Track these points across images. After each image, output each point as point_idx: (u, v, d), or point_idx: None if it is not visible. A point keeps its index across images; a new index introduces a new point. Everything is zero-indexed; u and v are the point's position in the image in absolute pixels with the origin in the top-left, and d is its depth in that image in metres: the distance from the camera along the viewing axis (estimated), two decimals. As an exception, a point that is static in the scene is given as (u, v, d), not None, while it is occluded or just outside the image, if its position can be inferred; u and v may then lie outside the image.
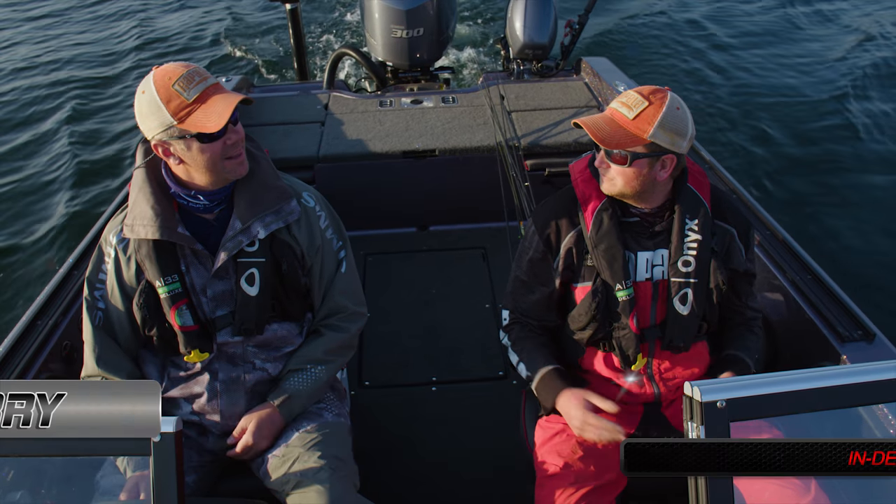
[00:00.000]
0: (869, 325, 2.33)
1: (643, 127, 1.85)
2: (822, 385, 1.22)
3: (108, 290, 1.97)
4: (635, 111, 1.86)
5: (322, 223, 2.09)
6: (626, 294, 2.00)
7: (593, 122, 1.91)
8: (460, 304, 3.46)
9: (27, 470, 1.70)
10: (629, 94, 1.91)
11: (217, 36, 9.08)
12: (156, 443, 1.17)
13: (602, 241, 1.99)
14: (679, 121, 1.87)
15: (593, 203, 2.02)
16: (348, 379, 2.75)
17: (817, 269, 2.58)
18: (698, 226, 1.98)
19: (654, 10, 9.59)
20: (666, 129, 1.85)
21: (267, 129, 4.03)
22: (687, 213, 1.99)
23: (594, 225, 2.00)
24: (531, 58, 4.76)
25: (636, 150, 1.87)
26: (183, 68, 1.78)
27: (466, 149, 3.83)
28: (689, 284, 2.00)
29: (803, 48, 8.41)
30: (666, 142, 1.86)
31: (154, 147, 1.85)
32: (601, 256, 2.00)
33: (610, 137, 1.87)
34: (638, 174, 1.90)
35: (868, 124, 6.66)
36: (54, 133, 6.85)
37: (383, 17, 4.78)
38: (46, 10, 10.23)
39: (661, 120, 1.84)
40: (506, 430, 2.54)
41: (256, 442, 1.95)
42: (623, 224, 2.02)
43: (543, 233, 2.08)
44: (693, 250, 1.98)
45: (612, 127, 1.88)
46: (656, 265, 2.03)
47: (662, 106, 1.86)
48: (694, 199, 2.00)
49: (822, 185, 5.81)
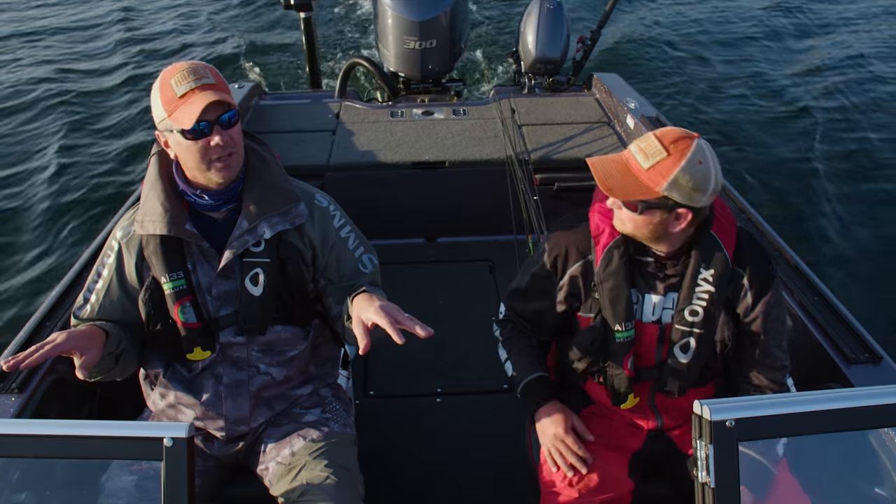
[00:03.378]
0: (876, 347, 2.33)
1: (656, 180, 1.73)
2: (831, 407, 1.22)
3: (102, 283, 1.98)
4: (651, 161, 1.73)
5: (336, 222, 2.10)
6: (625, 336, 1.94)
7: (603, 166, 1.80)
8: (467, 317, 3.46)
9: (33, 471, 1.70)
10: (650, 139, 1.77)
11: (232, 43, 9.13)
12: (167, 447, 1.18)
13: (608, 280, 1.92)
14: (699, 176, 1.72)
15: (606, 238, 1.93)
16: (353, 389, 2.75)
17: (825, 290, 2.58)
18: (713, 276, 1.88)
19: (668, 24, 9.61)
20: (681, 185, 1.72)
21: (277, 136, 4.05)
22: (703, 263, 1.88)
23: (603, 261, 1.92)
24: (543, 72, 4.77)
25: (648, 199, 1.76)
26: (188, 65, 1.82)
27: (476, 161, 3.84)
28: (692, 334, 1.92)
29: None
30: (681, 197, 1.74)
31: (157, 136, 1.90)
32: (605, 295, 1.93)
33: (618, 187, 1.77)
34: (648, 223, 1.80)
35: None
36: (73, 131, 6.93)
37: (397, 28, 4.81)
38: (65, 19, 10.32)
39: (677, 175, 1.71)
40: (510, 443, 2.54)
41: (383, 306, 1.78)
42: (635, 262, 1.93)
43: (552, 254, 2.03)
44: (703, 301, 1.89)
45: (623, 174, 1.77)
46: (666, 308, 1.96)
47: (682, 159, 1.71)
48: (714, 247, 1.88)
49: (831, 198, 5.85)
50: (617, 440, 2.11)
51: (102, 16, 10.28)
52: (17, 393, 2.20)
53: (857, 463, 1.70)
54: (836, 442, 1.29)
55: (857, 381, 2.22)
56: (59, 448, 1.22)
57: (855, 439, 1.55)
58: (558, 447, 2.00)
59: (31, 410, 2.20)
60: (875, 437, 1.70)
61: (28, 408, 2.19)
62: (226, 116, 1.82)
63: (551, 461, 2.01)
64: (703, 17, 9.98)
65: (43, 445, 1.22)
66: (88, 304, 1.99)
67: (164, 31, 9.77)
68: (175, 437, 1.19)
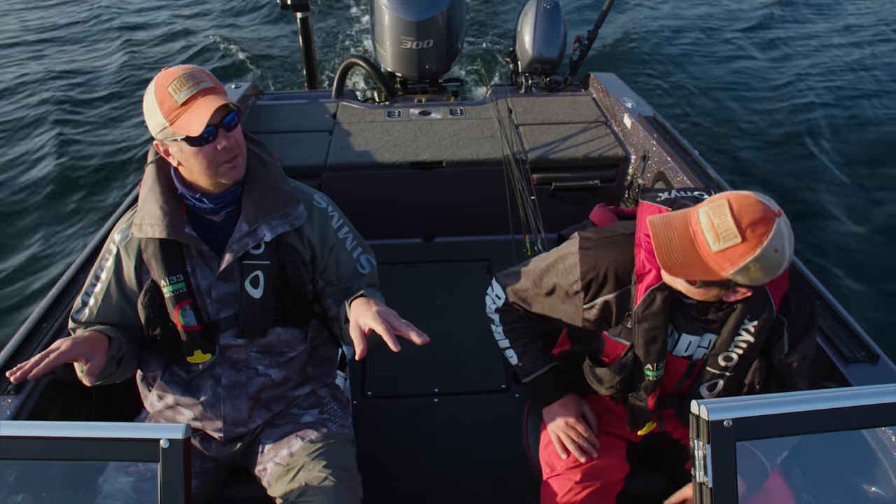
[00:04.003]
0: (873, 346, 2.33)
1: (724, 266, 1.56)
2: (829, 406, 1.22)
3: (100, 286, 1.97)
4: (722, 245, 1.54)
5: (335, 223, 2.10)
6: (655, 375, 1.86)
7: (666, 237, 1.62)
8: (464, 316, 3.47)
9: (29, 473, 1.70)
10: (725, 216, 1.55)
11: (229, 43, 9.13)
12: (164, 449, 1.18)
13: (647, 321, 1.81)
14: (772, 264, 1.55)
15: (651, 280, 1.79)
16: (351, 389, 2.75)
17: (821, 289, 2.59)
18: (756, 327, 1.78)
19: (664, 24, 9.63)
20: (750, 273, 1.56)
21: (275, 136, 4.04)
22: (748, 314, 1.78)
23: (644, 302, 1.80)
24: (540, 72, 4.77)
25: (708, 279, 1.62)
26: (182, 70, 1.79)
27: (474, 161, 3.84)
28: (722, 377, 1.86)
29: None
30: (746, 280, 1.59)
31: (156, 146, 1.88)
32: (642, 334, 1.82)
33: (679, 266, 1.61)
34: (703, 294, 1.69)
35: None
36: (62, 134, 6.92)
37: (394, 28, 4.80)
38: (62, 22, 10.32)
39: (748, 264, 1.54)
40: (507, 442, 2.53)
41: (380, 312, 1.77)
42: (676, 303, 1.82)
43: (586, 275, 1.88)
44: (740, 349, 1.81)
45: (687, 253, 1.59)
46: (700, 347, 1.88)
47: (758, 247, 1.52)
48: (763, 299, 1.77)
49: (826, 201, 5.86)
50: (617, 429, 2.13)
51: (95, 16, 10.28)
52: (13, 395, 2.20)
53: (855, 462, 1.70)
54: (834, 440, 1.29)
55: (854, 381, 2.22)
56: (55, 450, 1.21)
57: (852, 439, 1.55)
58: (569, 434, 2.01)
59: (28, 412, 2.19)
60: (873, 437, 1.70)
61: (25, 409, 2.18)
62: (229, 118, 1.81)
63: (560, 447, 2.02)
64: (699, 16, 10.00)
65: (39, 447, 1.21)
66: (87, 308, 1.98)
67: (159, 31, 9.76)
68: (172, 438, 1.18)
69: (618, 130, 4.07)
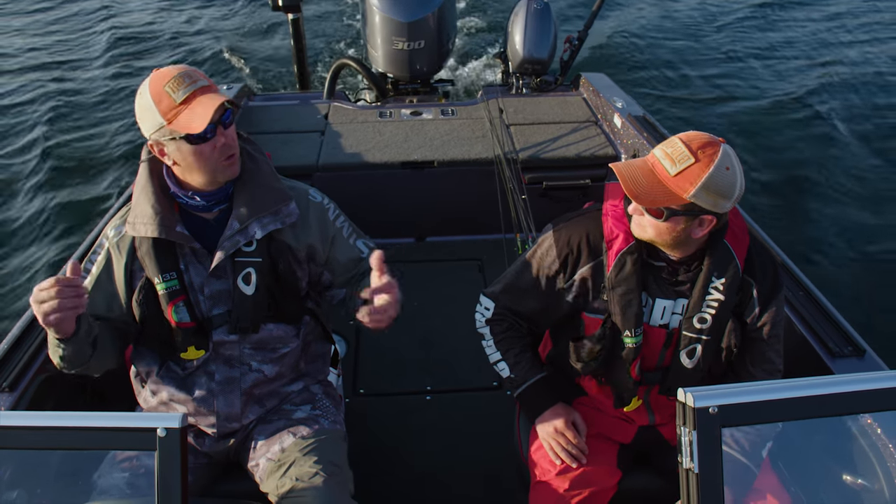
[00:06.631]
0: (859, 341, 2.36)
1: (684, 186, 1.70)
2: (813, 393, 1.24)
3: (89, 279, 1.97)
4: (678, 167, 1.70)
5: (331, 215, 2.12)
6: (634, 342, 1.93)
7: (630, 172, 1.75)
8: (456, 315, 3.48)
9: (24, 469, 1.70)
10: (676, 144, 1.73)
11: (219, 44, 9.13)
12: (161, 438, 1.19)
13: (620, 285, 1.89)
14: (727, 182, 1.70)
15: (620, 244, 1.90)
16: (343, 387, 2.77)
17: (809, 285, 2.61)
18: (724, 285, 1.87)
19: (655, 24, 9.68)
20: (710, 191, 1.69)
21: (266, 137, 4.05)
22: (715, 271, 1.87)
23: (615, 266, 1.90)
24: (530, 72, 4.79)
25: (673, 206, 1.74)
26: (177, 70, 1.80)
27: (465, 161, 3.86)
28: (699, 341, 1.92)
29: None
30: (707, 203, 1.71)
31: (150, 147, 1.88)
32: (616, 300, 1.91)
33: (646, 194, 1.73)
34: (672, 230, 1.78)
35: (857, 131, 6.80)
36: (49, 135, 6.91)
37: (385, 29, 4.82)
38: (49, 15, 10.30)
39: (706, 181, 1.68)
40: (498, 440, 2.55)
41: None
42: (647, 266, 1.91)
43: (562, 252, 1.99)
44: (712, 309, 1.89)
45: (650, 181, 1.73)
46: (675, 313, 1.95)
47: (710, 165, 1.68)
48: (726, 256, 1.88)
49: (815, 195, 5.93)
50: (607, 432, 2.15)
51: (86, 15, 10.26)
52: (7, 392, 2.21)
53: (839, 450, 1.73)
54: (818, 427, 1.31)
55: None
56: (53, 439, 1.22)
57: (834, 423, 1.58)
58: (558, 440, 2.04)
59: (22, 408, 2.20)
60: (853, 422, 1.73)
61: (19, 406, 2.19)
62: (226, 116, 1.83)
63: (552, 453, 2.04)
64: (690, 16, 10.05)
65: (37, 437, 1.22)
66: None
67: (152, 32, 9.74)
68: (169, 427, 1.20)
69: (608, 130, 4.10)
